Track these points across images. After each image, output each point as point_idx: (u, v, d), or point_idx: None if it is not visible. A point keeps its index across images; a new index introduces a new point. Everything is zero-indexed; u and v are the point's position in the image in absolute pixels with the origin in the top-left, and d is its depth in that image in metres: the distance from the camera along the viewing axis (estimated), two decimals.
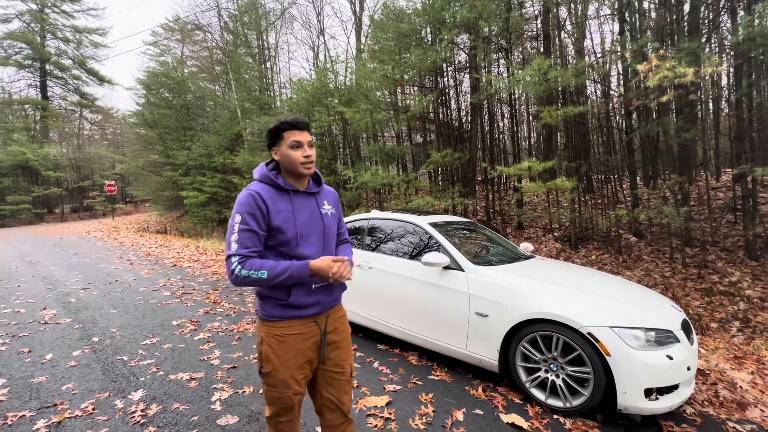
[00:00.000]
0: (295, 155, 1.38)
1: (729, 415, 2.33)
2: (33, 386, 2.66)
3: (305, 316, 1.40)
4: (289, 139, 1.39)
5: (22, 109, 28.71)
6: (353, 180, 8.40)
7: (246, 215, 1.31)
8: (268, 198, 1.34)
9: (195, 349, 3.30)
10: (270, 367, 1.36)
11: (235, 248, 1.29)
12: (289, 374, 1.36)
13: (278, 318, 1.37)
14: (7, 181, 24.13)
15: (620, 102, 7.82)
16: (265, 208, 1.33)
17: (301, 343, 1.39)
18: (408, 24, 8.05)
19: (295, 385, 1.37)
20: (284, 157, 1.40)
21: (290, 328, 1.38)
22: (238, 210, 1.32)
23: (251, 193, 1.33)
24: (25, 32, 26.46)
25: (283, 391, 1.36)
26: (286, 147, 1.39)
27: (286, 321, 1.38)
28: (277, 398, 1.37)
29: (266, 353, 1.37)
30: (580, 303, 2.37)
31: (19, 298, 5.13)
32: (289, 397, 1.37)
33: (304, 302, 1.38)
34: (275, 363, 1.35)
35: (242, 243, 1.29)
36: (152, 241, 11.92)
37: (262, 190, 1.36)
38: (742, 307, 4.46)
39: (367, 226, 3.74)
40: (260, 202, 1.32)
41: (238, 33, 15.08)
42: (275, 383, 1.36)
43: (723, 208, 7.08)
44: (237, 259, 1.28)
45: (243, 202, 1.32)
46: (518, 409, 2.34)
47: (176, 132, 16.20)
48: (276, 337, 1.37)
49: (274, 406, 1.39)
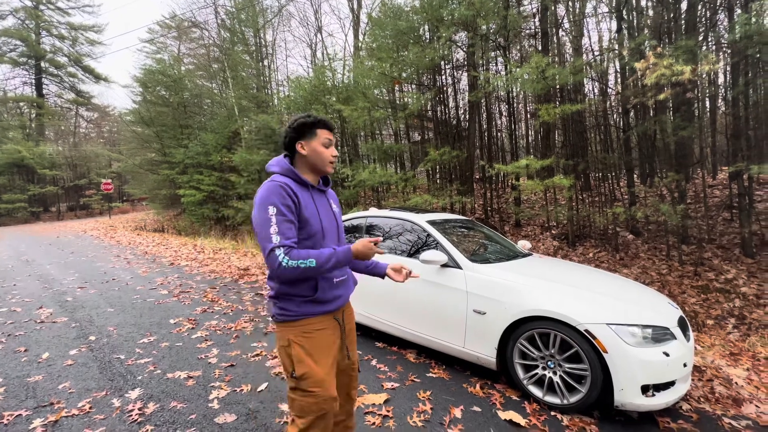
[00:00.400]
0: (326, 153, 1.41)
1: (725, 411, 2.35)
2: (29, 385, 2.65)
3: (330, 311, 1.39)
4: (323, 136, 1.41)
5: (17, 107, 28.48)
6: (351, 178, 8.38)
7: (281, 206, 1.26)
8: (295, 189, 1.33)
9: (192, 348, 3.29)
10: (304, 368, 1.28)
11: (277, 240, 1.23)
12: (326, 372, 1.31)
13: (306, 315, 1.33)
14: (3, 179, 23.95)
15: (618, 100, 7.84)
16: (296, 198, 1.31)
17: (329, 338, 1.37)
18: (406, 21, 8.03)
19: (332, 387, 1.31)
20: (314, 153, 1.40)
21: (319, 323, 1.35)
22: (270, 201, 1.26)
23: (280, 184, 1.29)
24: (19, 29, 26.22)
25: (321, 394, 1.28)
26: (318, 143, 1.40)
27: (314, 317, 1.34)
28: (313, 404, 1.27)
29: (298, 354, 1.30)
30: (577, 300, 2.37)
31: (15, 297, 5.10)
32: (326, 401, 1.29)
33: (329, 296, 1.37)
34: (309, 363, 1.29)
35: (283, 233, 1.24)
36: (149, 240, 11.87)
37: (288, 182, 1.34)
38: (738, 304, 4.49)
39: (365, 224, 3.73)
40: (290, 192, 1.30)
41: (235, 30, 14.98)
42: (313, 385, 1.28)
43: (719, 205, 7.11)
44: (283, 250, 1.22)
45: (275, 192, 1.27)
46: (516, 406, 2.34)
47: (173, 130, 16.11)
48: (305, 335, 1.32)
49: (309, 416, 1.28)
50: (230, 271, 6.69)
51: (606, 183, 7.93)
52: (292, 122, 1.43)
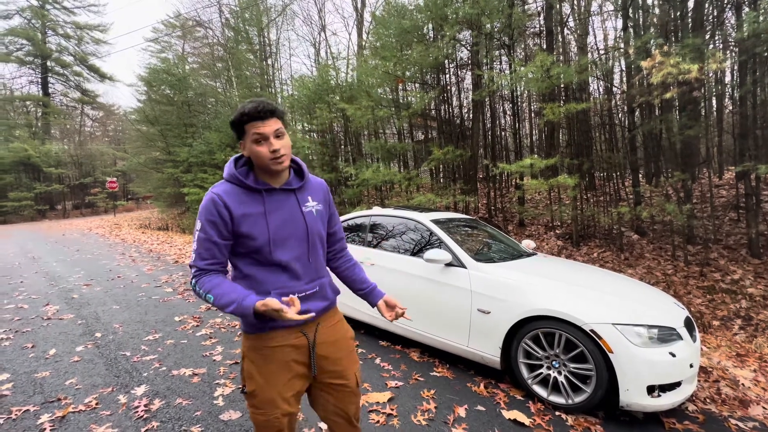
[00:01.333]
0: (260, 151, 1.15)
1: (731, 412, 2.33)
2: (37, 381, 2.68)
3: (290, 326, 1.22)
4: (251, 132, 1.16)
5: (23, 106, 28.73)
6: (354, 177, 8.39)
7: (206, 223, 1.15)
8: (231, 202, 1.16)
9: (197, 345, 3.31)
10: (253, 385, 1.20)
11: (192, 259, 1.18)
12: (276, 392, 1.20)
13: (258, 330, 1.21)
14: (9, 177, 24.17)
15: (623, 99, 7.79)
16: (227, 214, 1.15)
17: (287, 356, 1.22)
18: (410, 20, 8.01)
19: (284, 404, 1.20)
20: (251, 154, 1.18)
21: (272, 339, 1.21)
22: (199, 216, 1.18)
23: (212, 196, 1.16)
24: (26, 28, 26.42)
25: (270, 413, 1.19)
26: (249, 142, 1.17)
27: (267, 333, 1.21)
28: (263, 421, 1.20)
29: (248, 370, 1.21)
30: (582, 300, 2.36)
31: (22, 293, 5.16)
32: (277, 419, 1.20)
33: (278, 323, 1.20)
34: (258, 380, 1.20)
35: (200, 254, 1.17)
36: (154, 238, 11.94)
37: (226, 193, 1.17)
38: (745, 305, 4.45)
39: (369, 223, 3.73)
40: (221, 207, 1.14)
41: (239, 29, 15.02)
42: (260, 404, 1.20)
43: (726, 205, 7.05)
44: (193, 271, 1.18)
45: (203, 207, 1.16)
46: (520, 406, 2.34)
47: (177, 129, 16.18)
48: (257, 350, 1.21)
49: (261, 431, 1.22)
50: None
51: (611, 182, 7.88)
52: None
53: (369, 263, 3.40)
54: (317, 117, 9.27)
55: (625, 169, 8.18)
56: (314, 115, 9.49)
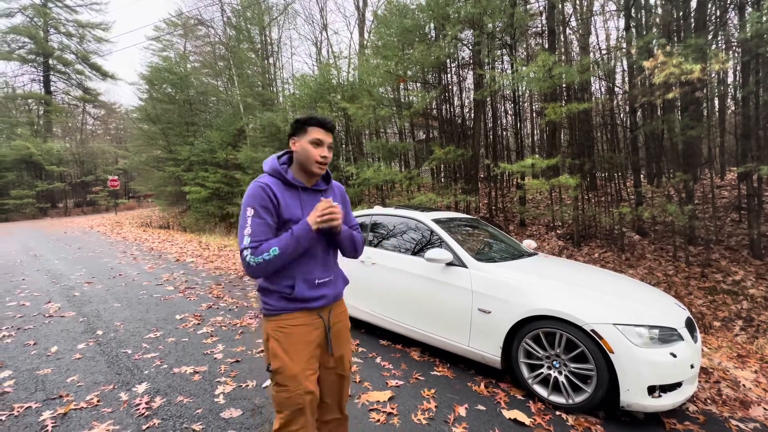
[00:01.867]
0: (313, 152, 1.38)
1: (732, 413, 2.33)
2: (39, 378, 2.69)
3: (310, 309, 1.40)
4: (312, 134, 1.38)
5: (25, 104, 28.76)
6: (355, 176, 8.39)
7: (258, 208, 1.31)
8: (277, 191, 1.35)
9: (198, 343, 3.32)
10: (279, 362, 1.32)
11: (247, 242, 1.29)
12: (299, 368, 1.32)
13: (283, 310, 1.37)
14: (11, 175, 24.21)
15: (625, 99, 7.77)
16: (276, 200, 1.33)
17: (308, 335, 1.38)
18: (411, 19, 7.99)
19: (306, 381, 1.32)
20: (302, 151, 1.39)
21: (296, 319, 1.37)
22: (249, 203, 1.32)
23: (261, 185, 1.33)
24: (28, 27, 26.42)
25: (293, 389, 1.30)
26: (306, 141, 1.38)
27: (292, 313, 1.37)
28: (287, 399, 1.31)
29: (273, 348, 1.34)
30: (583, 300, 2.36)
31: (24, 291, 5.17)
32: (300, 395, 1.30)
33: (308, 296, 1.38)
34: (284, 358, 1.32)
35: (255, 235, 1.29)
36: (155, 236, 11.96)
37: (272, 183, 1.36)
38: (746, 306, 4.45)
39: (370, 222, 3.73)
40: (270, 194, 1.33)
41: (241, 28, 15.01)
42: (286, 380, 1.31)
43: (727, 206, 7.04)
44: (250, 251, 1.28)
45: (254, 194, 1.32)
46: (520, 405, 2.34)
47: (179, 127, 16.20)
48: (282, 329, 1.35)
49: (285, 410, 1.32)
50: (235, 267, 6.73)
51: (612, 183, 7.87)
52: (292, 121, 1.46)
53: (370, 262, 3.41)
54: None
55: (627, 170, 8.17)
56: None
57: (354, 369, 2.83)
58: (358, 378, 2.68)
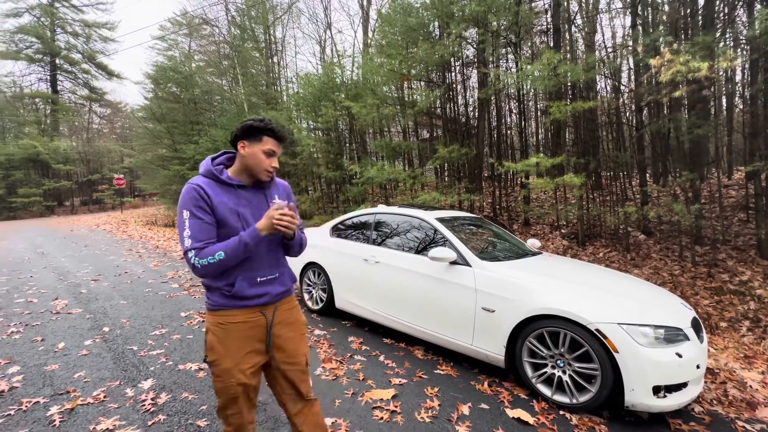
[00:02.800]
0: (265, 162, 1.40)
1: (738, 414, 2.31)
2: (46, 374, 2.72)
3: (250, 306, 1.41)
4: (267, 144, 1.39)
5: (32, 103, 29.05)
6: (359, 175, 8.38)
7: (194, 208, 1.31)
8: (209, 191, 1.34)
9: (203, 340, 3.33)
10: (214, 355, 1.36)
11: (189, 243, 1.30)
12: (233, 363, 1.36)
13: (222, 307, 1.38)
14: (19, 174, 24.47)
15: (631, 97, 7.70)
16: (208, 199, 1.33)
17: (246, 332, 1.39)
18: (416, 18, 7.97)
19: (240, 375, 1.36)
20: (252, 157, 1.39)
21: (234, 316, 1.38)
22: (184, 205, 1.32)
23: (193, 186, 1.34)
24: (35, 26, 26.67)
25: (227, 380, 1.36)
26: (260, 149, 1.38)
27: (231, 310, 1.38)
28: (222, 388, 1.38)
29: (210, 342, 1.37)
30: (588, 299, 2.35)
31: (31, 288, 5.23)
32: (233, 386, 1.36)
33: (248, 293, 1.39)
34: (219, 351, 1.36)
35: (194, 236, 1.30)
36: (160, 234, 12.05)
37: (205, 183, 1.36)
38: (753, 306, 4.40)
39: (374, 221, 3.74)
40: (202, 192, 1.33)
41: (246, 27, 15.04)
42: (219, 372, 1.36)
43: (735, 206, 6.96)
44: (194, 252, 1.29)
45: (186, 196, 1.33)
46: (524, 405, 2.34)
47: (184, 126, 16.27)
48: (220, 325, 1.37)
49: (221, 398, 1.40)
50: None
51: (618, 182, 7.81)
52: (242, 123, 1.43)
53: (374, 261, 3.41)
54: (322, 115, 9.26)
55: (633, 169, 8.10)
56: (319, 113, 9.49)
57: (357, 367, 2.84)
58: (362, 376, 2.69)
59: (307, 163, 9.95)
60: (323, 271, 3.87)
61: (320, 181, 11.69)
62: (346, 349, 3.16)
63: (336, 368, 2.80)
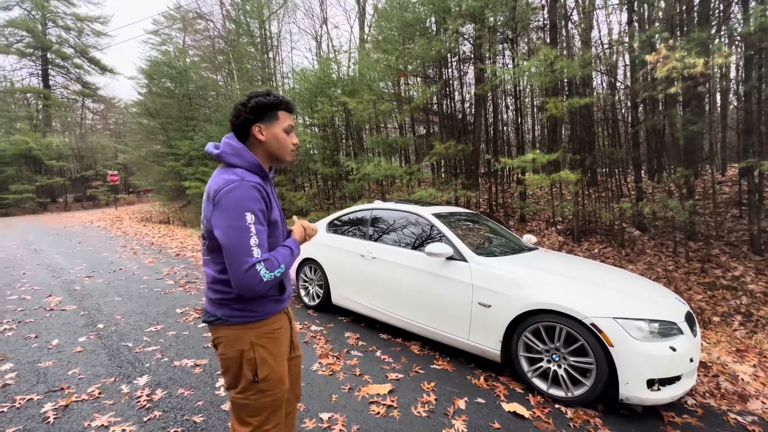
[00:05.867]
0: (288, 141, 1.25)
1: (730, 406, 2.34)
2: (40, 371, 2.70)
3: (285, 306, 1.36)
4: (285, 121, 1.24)
5: (24, 98, 28.61)
6: (356, 171, 8.36)
7: (259, 213, 1.13)
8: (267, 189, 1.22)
9: (199, 337, 3.33)
10: (268, 369, 1.22)
11: (258, 254, 1.11)
12: (284, 369, 1.31)
13: (272, 313, 1.27)
14: (10, 170, 24.13)
15: (627, 94, 7.73)
16: (269, 201, 1.19)
17: (287, 334, 1.37)
18: (412, 13, 7.93)
19: (287, 379, 1.32)
20: (275, 140, 1.23)
21: (279, 321, 1.32)
22: (247, 207, 1.11)
23: (255, 185, 1.14)
24: (26, 20, 26.21)
25: (278, 391, 1.25)
26: (280, 129, 1.23)
27: (277, 315, 1.30)
28: (271, 402, 1.23)
29: (262, 356, 1.21)
30: (583, 294, 2.37)
31: (24, 285, 5.18)
32: (282, 394, 1.28)
33: (289, 291, 1.35)
34: (272, 363, 1.23)
35: (262, 245, 1.13)
36: (155, 231, 11.96)
37: (261, 181, 1.19)
38: (745, 301, 4.45)
39: (370, 217, 3.73)
40: (265, 195, 1.17)
41: (240, 22, 14.89)
42: (272, 386, 1.23)
43: (728, 202, 7.03)
44: (263, 265, 1.12)
45: (250, 197, 1.12)
46: (520, 398, 2.35)
47: (178, 122, 16.12)
48: (269, 335, 1.25)
49: (264, 413, 1.22)
50: None
51: (613, 178, 7.85)
52: (246, 100, 1.20)
53: (370, 256, 3.41)
54: (318, 111, 9.22)
55: (628, 165, 8.14)
56: (315, 109, 9.44)
57: (354, 362, 2.84)
58: (359, 371, 2.70)
59: (303, 159, 9.91)
60: (320, 267, 3.87)
61: (316, 178, 11.65)
62: (342, 345, 3.16)
63: (333, 364, 2.80)
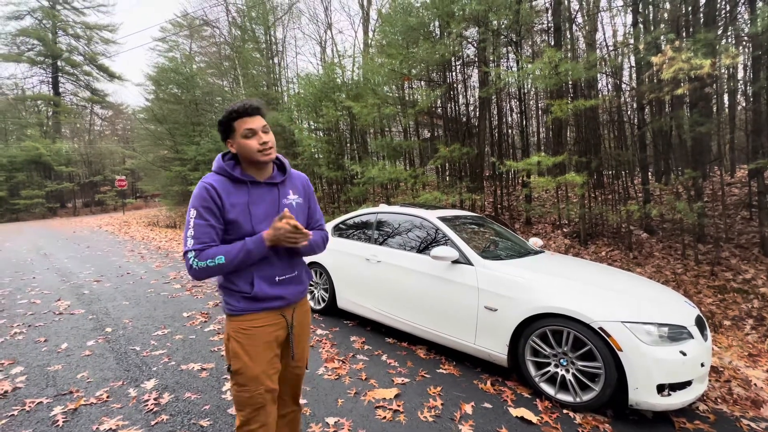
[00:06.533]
0: (250, 144, 1.30)
1: (743, 412, 2.30)
2: (49, 374, 2.73)
3: (271, 309, 1.36)
4: (241, 128, 1.30)
5: (34, 105, 29.20)
6: (360, 175, 8.38)
7: (201, 209, 1.27)
8: (222, 190, 1.29)
9: (205, 341, 3.34)
10: (239, 363, 1.29)
11: (190, 244, 1.25)
12: (261, 369, 1.30)
13: (244, 311, 1.32)
14: (21, 175, 24.58)
15: (632, 95, 7.68)
16: (219, 202, 1.28)
17: (269, 336, 1.35)
18: (416, 17, 7.96)
19: (267, 380, 1.31)
20: (240, 148, 1.32)
21: (257, 320, 1.33)
22: (192, 204, 1.28)
23: (205, 185, 1.28)
24: (37, 29, 26.81)
25: (254, 389, 1.29)
26: (239, 137, 1.30)
27: (253, 314, 1.33)
28: (247, 399, 1.29)
29: (234, 349, 1.31)
30: (591, 298, 2.34)
31: (34, 289, 5.25)
32: (261, 395, 1.30)
33: (269, 294, 1.34)
34: (244, 359, 1.29)
35: (198, 238, 1.26)
36: (162, 235, 12.07)
37: (217, 182, 1.30)
38: (757, 305, 4.37)
39: (375, 220, 3.73)
40: (214, 194, 1.27)
41: (246, 28, 15.08)
42: (246, 381, 1.29)
43: (738, 204, 6.93)
44: (193, 254, 1.24)
45: (197, 195, 1.28)
46: (527, 404, 2.33)
47: (185, 127, 16.31)
48: (243, 331, 1.31)
49: (245, 410, 1.30)
50: None
51: (619, 180, 7.79)
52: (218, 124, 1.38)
53: (375, 260, 3.41)
54: (323, 115, 9.27)
55: (635, 167, 8.07)
56: (320, 113, 9.50)
57: (360, 366, 2.84)
58: (365, 375, 2.69)
59: (308, 163, 9.96)
60: (325, 270, 3.87)
61: (321, 182, 11.69)
62: (348, 349, 3.16)
63: (338, 368, 2.80)
